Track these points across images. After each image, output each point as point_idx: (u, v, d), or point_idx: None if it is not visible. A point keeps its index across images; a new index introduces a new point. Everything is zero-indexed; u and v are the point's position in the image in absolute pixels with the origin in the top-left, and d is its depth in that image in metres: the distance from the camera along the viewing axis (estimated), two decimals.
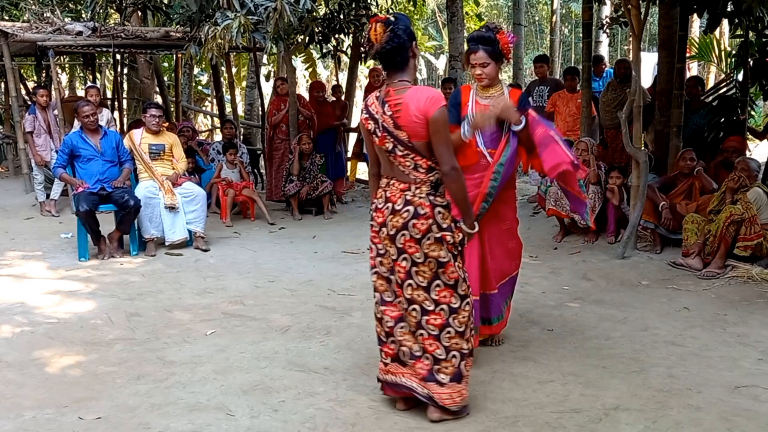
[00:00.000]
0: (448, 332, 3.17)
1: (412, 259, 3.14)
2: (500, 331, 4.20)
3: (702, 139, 7.38)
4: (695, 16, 10.63)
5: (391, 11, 11.86)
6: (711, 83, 11.42)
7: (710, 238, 5.80)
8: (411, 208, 3.11)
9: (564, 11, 25.35)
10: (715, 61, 9.93)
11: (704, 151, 6.76)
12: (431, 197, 3.13)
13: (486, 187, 3.87)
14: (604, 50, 16.85)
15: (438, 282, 3.15)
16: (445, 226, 3.13)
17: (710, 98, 8.02)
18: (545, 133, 3.82)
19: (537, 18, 29.99)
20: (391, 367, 3.32)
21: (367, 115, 3.22)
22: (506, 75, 28.08)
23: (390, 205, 3.16)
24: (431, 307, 3.17)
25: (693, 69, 14.61)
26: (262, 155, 11.28)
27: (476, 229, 3.35)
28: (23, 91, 12.09)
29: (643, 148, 6.47)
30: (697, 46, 9.92)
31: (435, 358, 3.19)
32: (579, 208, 4.51)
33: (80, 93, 18.80)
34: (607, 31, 12.37)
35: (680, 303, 5.12)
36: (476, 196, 3.83)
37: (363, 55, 10.00)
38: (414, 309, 3.19)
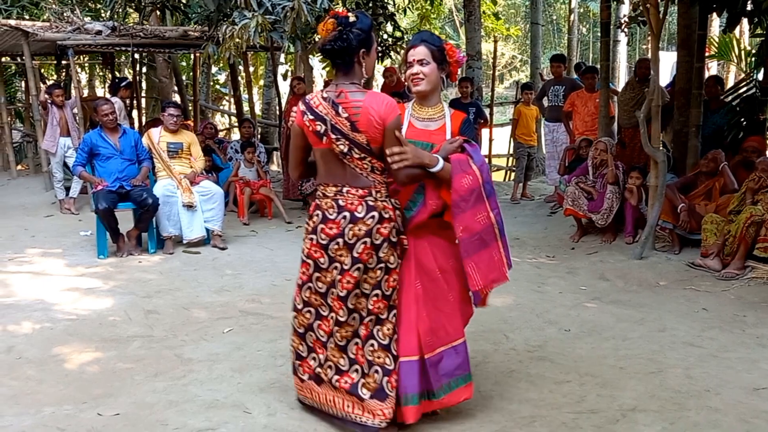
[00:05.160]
0: (371, 344, 3.01)
1: (365, 267, 2.94)
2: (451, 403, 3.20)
3: (721, 139, 7.31)
4: (714, 15, 10.52)
5: (411, 6, 11.87)
6: (731, 83, 11.30)
7: (730, 238, 5.74)
8: (375, 213, 2.93)
9: (582, 10, 25.22)
10: (735, 61, 9.80)
11: (724, 151, 6.69)
12: (391, 200, 3.00)
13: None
14: (622, 49, 16.76)
15: (377, 291, 2.97)
16: (402, 229, 3.02)
17: (730, 98, 7.93)
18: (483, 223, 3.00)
19: (554, 17, 29.84)
20: (310, 385, 3.19)
21: (312, 117, 2.94)
22: (523, 75, 27.96)
23: (347, 213, 2.94)
24: (365, 315, 3.00)
25: (712, 68, 14.45)
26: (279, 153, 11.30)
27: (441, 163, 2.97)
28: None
29: (661, 148, 6.41)
30: (716, 45, 9.82)
31: (362, 371, 3.02)
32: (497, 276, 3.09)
33: (99, 92, 18.97)
34: (626, 30, 12.29)
35: (699, 304, 5.08)
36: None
37: (380, 55, 10.00)
38: (353, 318, 3.00)
